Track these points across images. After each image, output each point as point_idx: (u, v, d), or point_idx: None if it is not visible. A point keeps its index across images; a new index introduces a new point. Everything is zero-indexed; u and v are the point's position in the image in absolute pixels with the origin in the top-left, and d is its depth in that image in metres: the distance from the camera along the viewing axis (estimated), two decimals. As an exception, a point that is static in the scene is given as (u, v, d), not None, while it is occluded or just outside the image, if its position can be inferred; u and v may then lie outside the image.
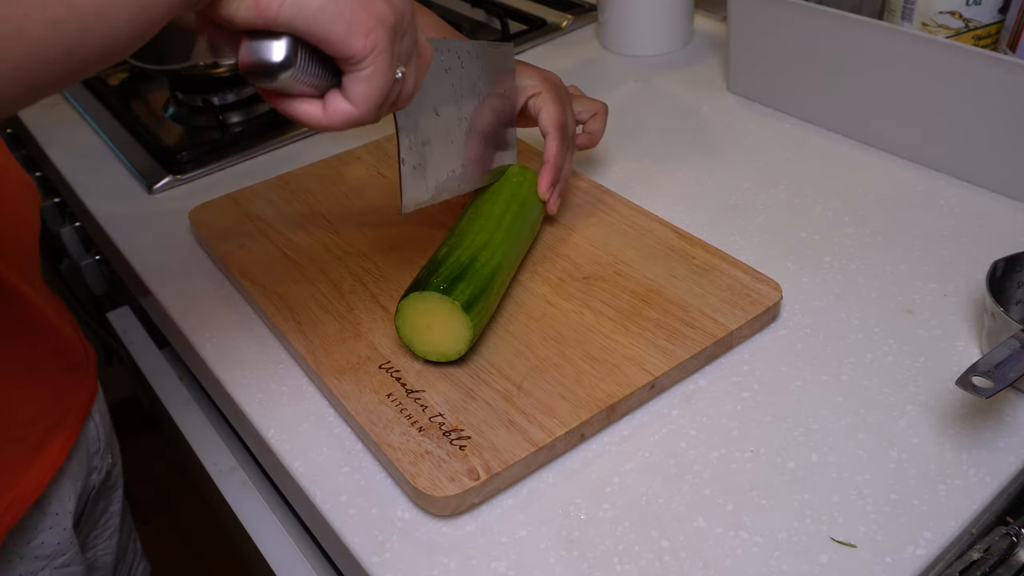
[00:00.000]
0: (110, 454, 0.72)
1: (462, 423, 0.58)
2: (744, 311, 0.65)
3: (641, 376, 0.60)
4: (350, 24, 0.43)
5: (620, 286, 0.68)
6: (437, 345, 0.61)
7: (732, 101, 0.95)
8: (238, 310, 0.72)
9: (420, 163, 0.60)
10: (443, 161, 0.63)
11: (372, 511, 0.56)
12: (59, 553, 0.64)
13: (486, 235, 0.65)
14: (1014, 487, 0.55)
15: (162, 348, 0.91)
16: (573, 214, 0.76)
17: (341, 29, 0.43)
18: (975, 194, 0.78)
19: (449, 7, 1.24)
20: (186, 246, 0.80)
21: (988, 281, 0.60)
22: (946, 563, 0.52)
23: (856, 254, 0.72)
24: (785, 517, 0.53)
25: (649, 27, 1.04)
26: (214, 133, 0.97)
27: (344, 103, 0.46)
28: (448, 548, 0.53)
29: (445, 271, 0.60)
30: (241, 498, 0.72)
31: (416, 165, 0.60)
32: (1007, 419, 0.58)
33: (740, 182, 0.82)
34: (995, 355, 0.54)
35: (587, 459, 0.58)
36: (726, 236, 0.75)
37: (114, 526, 0.75)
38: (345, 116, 0.46)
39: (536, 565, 0.52)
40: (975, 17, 0.81)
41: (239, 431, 0.69)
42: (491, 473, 0.54)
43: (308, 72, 0.44)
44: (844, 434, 0.58)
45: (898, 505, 0.53)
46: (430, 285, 0.59)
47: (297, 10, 0.41)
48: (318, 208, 0.79)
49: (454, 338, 0.60)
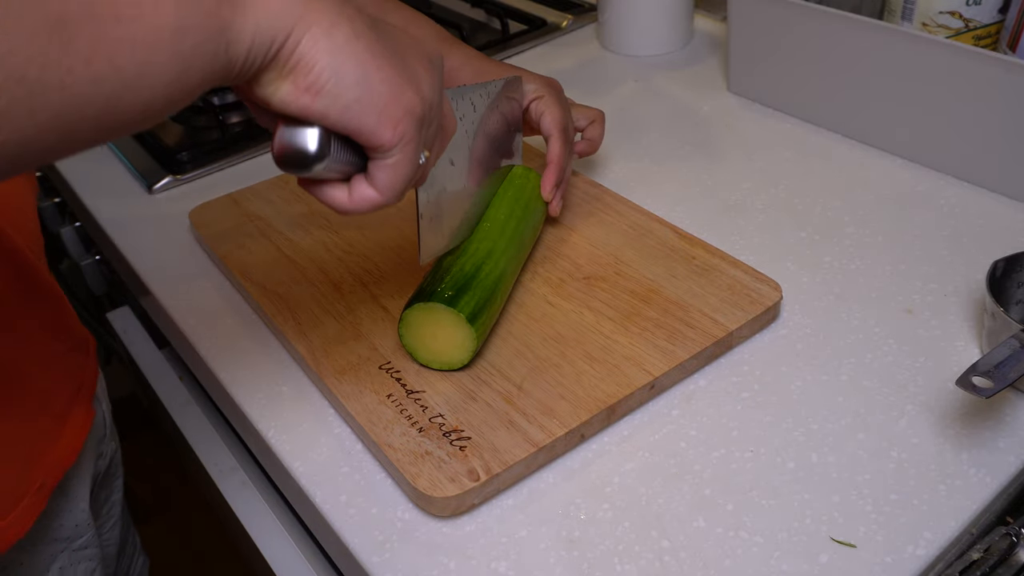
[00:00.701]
0: (113, 440, 0.73)
1: (462, 424, 0.58)
2: (744, 311, 0.65)
3: (641, 376, 0.60)
4: (380, 115, 0.44)
5: (620, 286, 0.68)
6: (441, 354, 0.61)
7: (732, 101, 0.95)
8: (238, 310, 0.72)
9: (436, 214, 0.61)
10: (457, 205, 0.64)
11: (372, 511, 0.56)
12: (77, 535, 0.64)
13: (490, 242, 0.64)
14: (1014, 487, 0.55)
15: (162, 348, 0.91)
16: (573, 214, 0.76)
17: (372, 121, 0.43)
18: (975, 194, 0.78)
19: (449, 7, 1.24)
20: (186, 246, 0.80)
21: (988, 281, 0.60)
22: (946, 563, 0.52)
23: (856, 254, 0.72)
24: (785, 517, 0.53)
25: (649, 27, 1.04)
26: (214, 133, 0.97)
27: (369, 190, 0.47)
28: (448, 548, 0.53)
29: (450, 280, 0.60)
30: (241, 498, 0.72)
31: (433, 217, 0.60)
32: (1007, 419, 0.58)
33: (740, 182, 0.82)
34: (995, 355, 0.54)
35: (587, 459, 0.58)
36: (726, 236, 0.75)
37: (116, 515, 0.76)
38: (370, 202, 0.47)
39: (536, 565, 0.52)
40: (975, 17, 0.81)
41: (239, 431, 0.69)
42: (491, 474, 0.54)
43: (339, 160, 0.45)
44: (844, 434, 0.58)
45: (898, 505, 0.53)
46: (435, 296, 0.59)
47: (332, 100, 0.42)
48: (318, 208, 0.79)
49: (458, 348, 0.60)
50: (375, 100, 0.43)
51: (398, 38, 0.46)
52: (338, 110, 0.42)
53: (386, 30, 0.45)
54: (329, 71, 0.41)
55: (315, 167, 0.44)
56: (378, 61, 0.43)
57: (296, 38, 0.40)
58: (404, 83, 0.44)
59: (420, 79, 0.46)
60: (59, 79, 0.33)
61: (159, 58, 0.36)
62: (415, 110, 0.45)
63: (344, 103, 0.42)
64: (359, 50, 0.42)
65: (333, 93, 0.42)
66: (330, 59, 0.41)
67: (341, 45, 0.41)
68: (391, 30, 0.46)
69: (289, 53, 0.41)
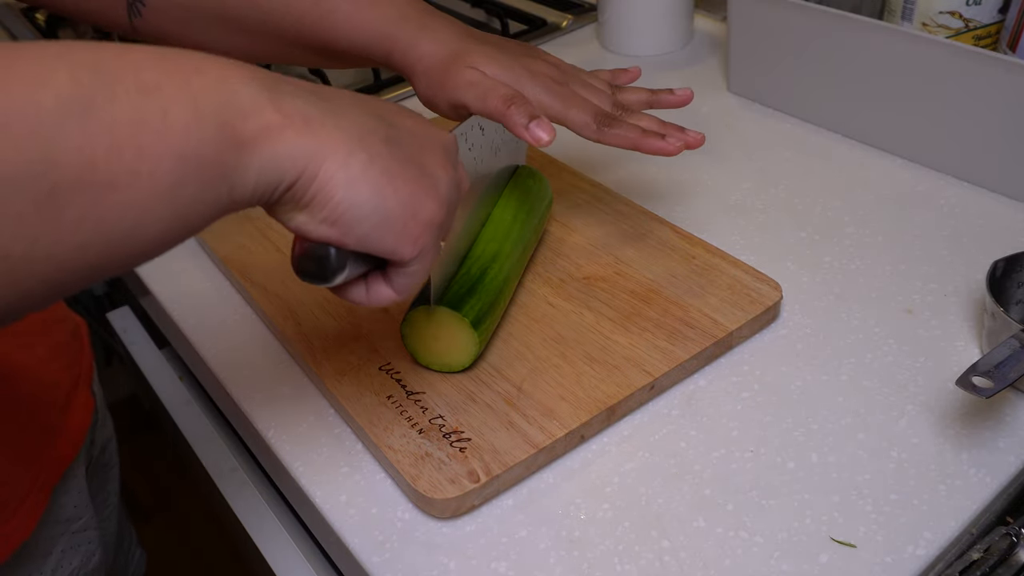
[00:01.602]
0: (105, 427, 0.73)
1: (462, 425, 0.58)
2: (744, 311, 0.65)
3: (641, 377, 0.60)
4: (399, 237, 0.43)
5: (620, 286, 0.68)
6: (442, 356, 0.61)
7: (732, 101, 0.95)
8: (238, 311, 0.72)
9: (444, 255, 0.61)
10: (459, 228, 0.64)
11: (372, 511, 0.56)
12: (76, 517, 0.64)
13: (496, 245, 0.64)
14: (1014, 487, 0.55)
15: (162, 348, 0.91)
16: (573, 214, 0.76)
17: (391, 242, 0.43)
18: (975, 194, 0.78)
19: (449, 7, 1.24)
20: (186, 246, 0.80)
21: (988, 281, 0.60)
22: (946, 563, 0.52)
23: (856, 254, 0.72)
24: (785, 517, 0.53)
25: (649, 27, 1.04)
26: (214, 133, 0.97)
27: (387, 289, 0.47)
28: (448, 548, 0.53)
29: (456, 285, 0.60)
30: (241, 498, 0.72)
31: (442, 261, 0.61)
32: (1007, 419, 0.58)
33: (740, 182, 0.82)
34: (995, 355, 0.54)
35: (587, 459, 0.58)
36: (726, 236, 0.75)
37: (114, 504, 0.76)
38: (387, 299, 0.48)
39: (536, 565, 0.52)
40: (975, 17, 0.81)
41: (239, 431, 0.69)
42: (491, 475, 0.54)
43: (357, 270, 0.46)
44: (844, 434, 0.58)
45: (898, 505, 0.53)
46: (440, 298, 0.59)
47: (349, 229, 0.42)
48: (318, 208, 0.79)
49: (460, 351, 0.60)
50: (393, 224, 0.43)
51: (413, 141, 0.45)
52: (356, 237, 0.42)
53: (400, 137, 0.44)
54: (346, 203, 0.41)
55: (333, 281, 0.44)
56: (395, 183, 0.42)
57: (310, 175, 0.40)
58: (422, 195, 0.44)
59: (438, 181, 0.45)
60: (46, 252, 0.32)
61: (152, 216, 0.35)
62: (434, 220, 0.45)
63: (362, 231, 0.42)
64: (374, 176, 0.41)
65: (350, 224, 0.41)
66: (346, 192, 0.40)
67: (357, 176, 0.41)
68: (405, 134, 0.45)
69: (303, 190, 0.40)
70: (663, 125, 0.65)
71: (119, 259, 0.36)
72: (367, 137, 0.42)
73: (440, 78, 0.63)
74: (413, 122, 0.47)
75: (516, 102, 0.60)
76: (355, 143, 0.41)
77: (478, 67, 0.62)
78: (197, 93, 0.36)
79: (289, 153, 0.39)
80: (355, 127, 0.41)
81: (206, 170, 0.36)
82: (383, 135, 0.43)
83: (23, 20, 1.26)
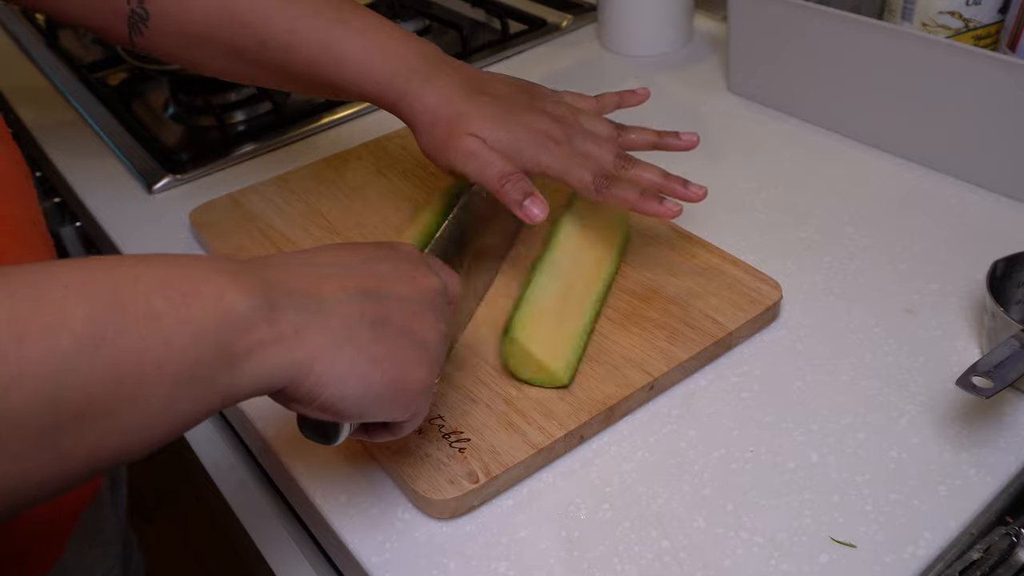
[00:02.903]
0: None
1: (461, 425, 0.58)
2: (744, 311, 0.65)
3: (641, 377, 0.60)
4: (391, 408, 0.46)
5: (620, 286, 0.68)
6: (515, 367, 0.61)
7: (732, 101, 0.95)
8: (238, 310, 0.72)
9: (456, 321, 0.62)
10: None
11: (372, 511, 0.56)
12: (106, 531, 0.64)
13: (600, 302, 0.66)
14: (1014, 487, 0.55)
15: (162, 348, 0.91)
16: (573, 214, 0.76)
17: (384, 414, 0.46)
18: (975, 194, 0.78)
19: (449, 7, 1.24)
20: (186, 246, 0.80)
21: (988, 281, 0.60)
22: (946, 563, 0.52)
23: (856, 254, 0.72)
24: (785, 517, 0.53)
25: (649, 27, 1.04)
26: (214, 133, 0.97)
27: (388, 434, 0.50)
28: (448, 548, 0.53)
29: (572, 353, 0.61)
30: (241, 498, 0.72)
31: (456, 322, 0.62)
32: (1007, 419, 0.58)
33: (740, 182, 0.82)
34: (995, 355, 0.54)
35: (587, 459, 0.58)
36: (726, 236, 0.75)
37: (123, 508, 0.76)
38: (388, 439, 0.51)
39: (536, 565, 0.52)
40: (975, 17, 0.81)
41: (239, 431, 0.69)
42: (490, 476, 0.54)
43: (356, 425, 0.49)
44: (844, 434, 0.58)
45: (898, 505, 0.53)
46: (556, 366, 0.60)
47: (342, 413, 0.44)
48: (318, 208, 0.79)
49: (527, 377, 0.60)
50: (384, 401, 0.45)
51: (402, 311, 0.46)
52: (350, 417, 0.45)
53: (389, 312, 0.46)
54: (336, 396, 0.43)
55: (335, 443, 0.47)
56: (382, 366, 0.44)
57: (300, 379, 0.42)
58: (411, 368, 0.46)
59: (427, 346, 0.47)
60: (38, 481, 0.33)
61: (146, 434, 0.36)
62: (424, 385, 0.47)
63: (355, 413, 0.45)
64: (361, 367, 0.43)
65: (343, 410, 0.44)
66: (335, 388, 0.43)
67: (344, 372, 0.43)
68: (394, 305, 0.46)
69: (294, 390, 0.42)
70: (665, 177, 0.66)
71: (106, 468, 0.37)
72: (355, 328, 0.44)
73: (441, 141, 0.64)
74: (403, 287, 0.47)
75: (511, 180, 0.62)
76: (343, 341, 0.43)
77: (478, 134, 0.63)
78: (197, 316, 0.37)
79: (280, 364, 0.40)
80: (343, 324, 0.43)
81: (200, 388, 0.38)
82: (371, 318, 0.44)
83: (23, 20, 1.26)
